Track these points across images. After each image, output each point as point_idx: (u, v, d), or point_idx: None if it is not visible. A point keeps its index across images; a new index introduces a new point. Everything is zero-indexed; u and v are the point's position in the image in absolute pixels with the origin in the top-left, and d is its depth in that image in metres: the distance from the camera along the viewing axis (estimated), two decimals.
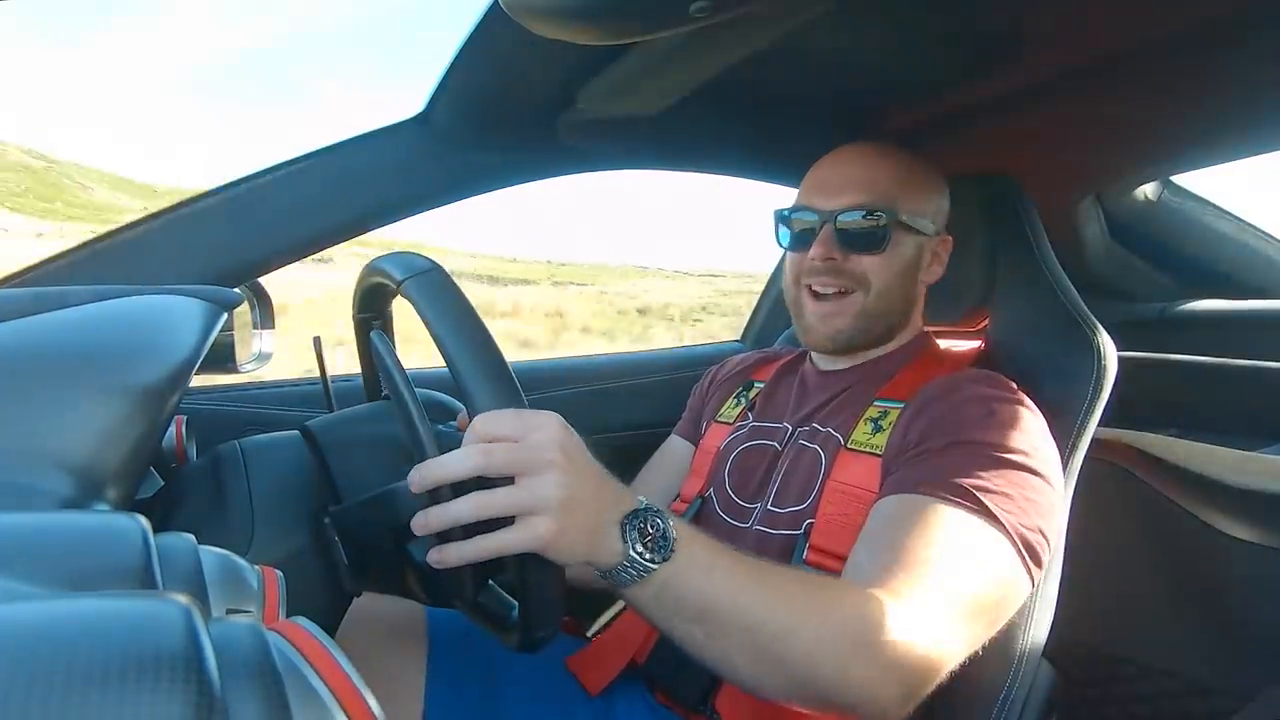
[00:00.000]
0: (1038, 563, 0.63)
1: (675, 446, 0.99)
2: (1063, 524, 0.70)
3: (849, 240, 0.79)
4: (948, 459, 0.65)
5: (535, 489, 0.48)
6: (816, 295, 0.82)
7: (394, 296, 0.60)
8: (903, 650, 0.55)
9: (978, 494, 0.62)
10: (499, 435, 0.49)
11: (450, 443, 0.52)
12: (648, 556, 0.51)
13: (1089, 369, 0.75)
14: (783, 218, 0.85)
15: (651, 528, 0.52)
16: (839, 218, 0.79)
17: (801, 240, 0.82)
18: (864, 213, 0.78)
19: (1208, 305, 1.29)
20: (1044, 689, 0.78)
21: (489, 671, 0.80)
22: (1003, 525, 0.61)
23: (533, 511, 0.48)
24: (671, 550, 0.52)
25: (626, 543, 0.51)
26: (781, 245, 0.86)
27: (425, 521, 0.50)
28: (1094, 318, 0.79)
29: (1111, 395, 0.75)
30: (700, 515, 0.86)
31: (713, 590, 0.53)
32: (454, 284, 0.54)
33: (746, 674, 0.55)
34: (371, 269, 0.60)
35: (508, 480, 0.48)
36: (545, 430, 0.49)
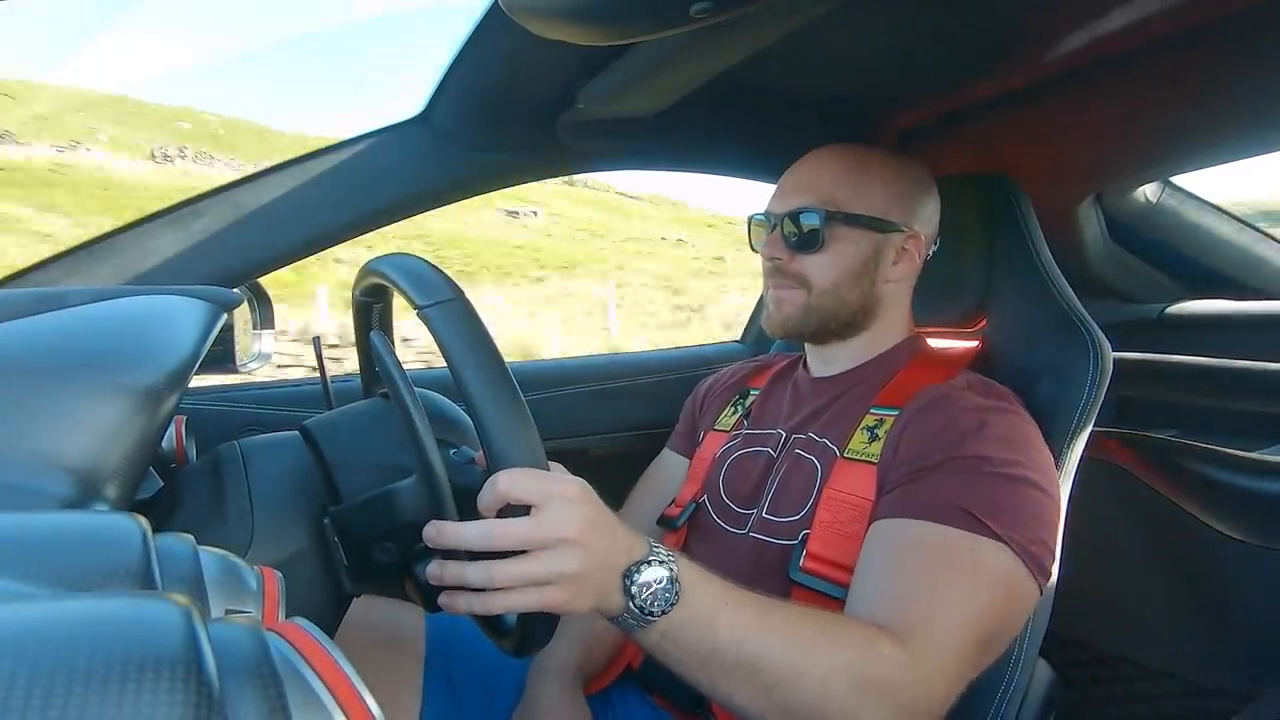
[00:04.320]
0: (1045, 574, 0.63)
1: (667, 462, 0.99)
2: (1061, 528, 0.70)
3: (792, 241, 0.81)
4: (945, 478, 0.65)
5: (550, 563, 0.48)
6: (773, 288, 0.84)
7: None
8: (913, 689, 0.55)
9: (980, 516, 0.61)
10: (519, 498, 0.48)
11: (467, 480, 0.52)
12: (649, 607, 0.51)
13: (1086, 369, 0.75)
14: (751, 222, 0.88)
15: (656, 578, 0.52)
16: (784, 220, 0.81)
17: (759, 243, 0.86)
18: (802, 214, 0.79)
19: (1207, 305, 1.29)
20: (1042, 689, 0.78)
21: (487, 673, 0.80)
22: (1006, 542, 0.61)
23: (545, 583, 0.48)
24: (673, 602, 0.52)
25: (628, 596, 0.51)
26: (753, 248, 0.88)
27: (438, 574, 0.51)
28: (1091, 318, 0.79)
29: (1110, 396, 0.75)
30: (694, 520, 0.86)
31: (717, 636, 0.53)
32: (477, 316, 0.53)
33: (752, 713, 0.55)
34: (384, 275, 0.58)
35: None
36: (566, 502, 0.49)
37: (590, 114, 0.94)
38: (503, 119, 0.96)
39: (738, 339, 1.56)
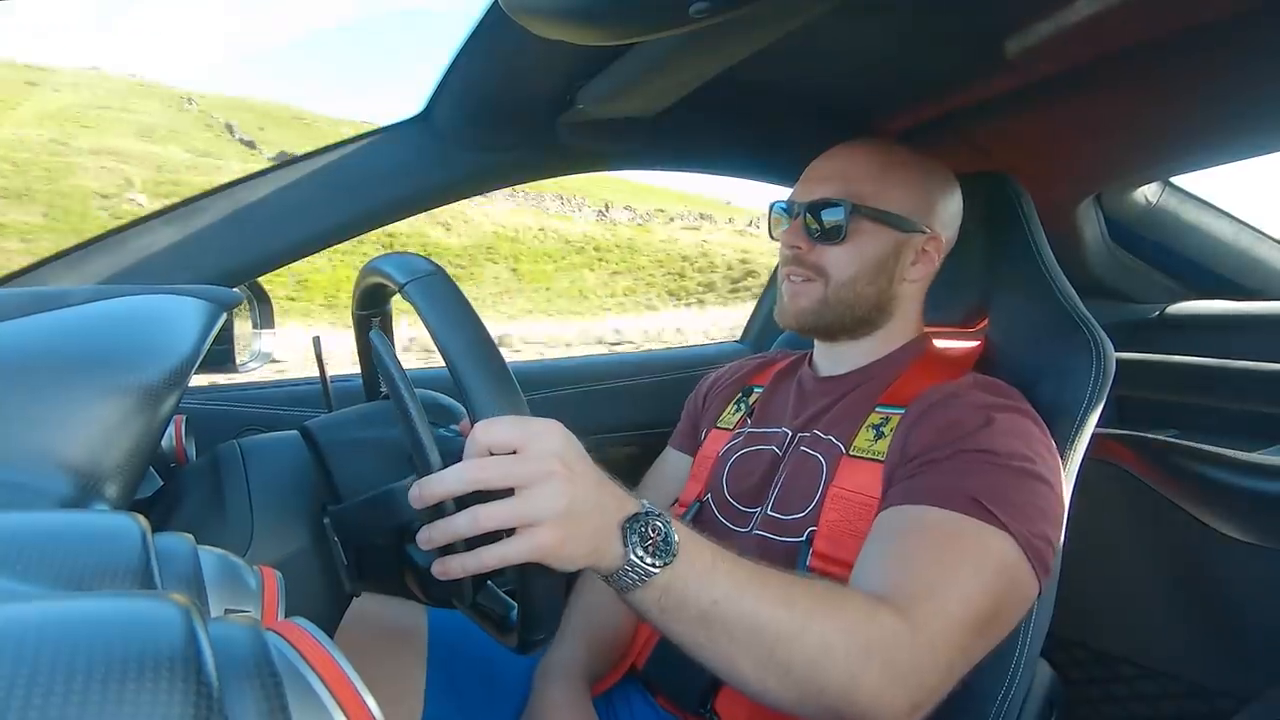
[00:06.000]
0: (1045, 569, 0.63)
1: (671, 460, 0.99)
2: (1064, 526, 0.70)
3: (814, 231, 0.81)
4: (952, 469, 0.65)
5: (535, 500, 0.48)
6: (790, 279, 0.84)
7: (394, 294, 0.60)
8: (915, 659, 0.55)
9: (985, 502, 0.61)
10: (499, 443, 0.48)
11: (452, 448, 0.52)
12: (649, 560, 0.50)
13: (1088, 370, 0.75)
14: (771, 210, 0.89)
15: (653, 531, 0.51)
16: (807, 210, 0.81)
17: (779, 231, 0.86)
18: (826, 204, 0.80)
19: (1207, 306, 1.29)
20: (1043, 689, 0.78)
21: (490, 672, 0.80)
22: (1011, 533, 0.61)
23: (533, 522, 0.48)
24: (673, 554, 0.51)
25: (627, 547, 0.50)
26: (771, 236, 0.89)
27: (429, 536, 0.50)
28: (1093, 318, 0.79)
29: (1111, 396, 0.75)
30: (698, 519, 0.85)
31: (716, 593, 0.52)
32: (456, 288, 0.53)
33: (752, 680, 0.54)
34: (372, 269, 0.60)
35: (508, 490, 0.48)
36: (545, 438, 0.49)
37: (590, 114, 0.94)
38: (503, 119, 0.96)
39: (738, 339, 1.56)
